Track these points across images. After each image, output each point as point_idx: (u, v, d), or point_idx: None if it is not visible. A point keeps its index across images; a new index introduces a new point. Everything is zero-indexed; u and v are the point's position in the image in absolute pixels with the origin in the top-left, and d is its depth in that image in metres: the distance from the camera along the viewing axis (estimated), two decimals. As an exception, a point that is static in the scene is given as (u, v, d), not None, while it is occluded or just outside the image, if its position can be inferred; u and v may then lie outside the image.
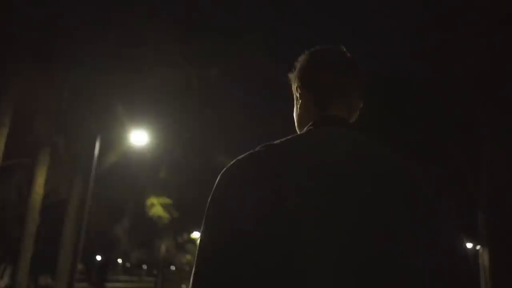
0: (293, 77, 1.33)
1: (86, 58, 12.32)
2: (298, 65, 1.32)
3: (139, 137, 13.44)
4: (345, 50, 1.31)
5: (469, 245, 24.19)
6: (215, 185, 1.08)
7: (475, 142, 16.38)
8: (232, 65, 15.84)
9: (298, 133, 1.27)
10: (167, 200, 20.05)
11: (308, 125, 1.20)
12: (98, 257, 38.74)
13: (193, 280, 1.01)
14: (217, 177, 1.10)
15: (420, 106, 17.51)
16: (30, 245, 13.30)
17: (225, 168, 1.10)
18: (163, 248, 32.78)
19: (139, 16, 13.44)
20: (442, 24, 16.73)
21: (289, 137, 1.15)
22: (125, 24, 13.20)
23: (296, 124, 1.32)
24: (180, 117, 15.79)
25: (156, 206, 19.85)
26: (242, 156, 1.11)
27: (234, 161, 1.10)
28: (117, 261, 55.70)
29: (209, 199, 1.07)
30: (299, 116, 1.30)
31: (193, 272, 1.02)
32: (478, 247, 21.83)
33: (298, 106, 1.30)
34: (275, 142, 1.11)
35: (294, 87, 1.32)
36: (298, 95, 1.30)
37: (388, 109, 17.64)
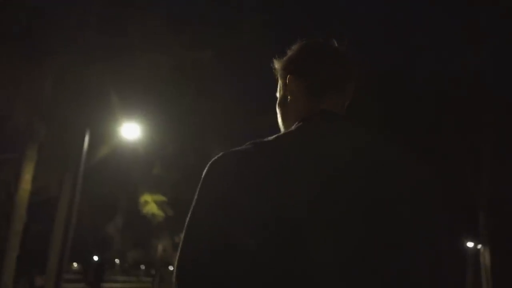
0: (281, 65, 1.27)
1: (71, 45, 11.89)
2: (291, 54, 1.26)
3: (131, 130, 13.10)
4: (338, 44, 1.26)
5: (470, 244, 24.22)
6: (200, 184, 1.04)
7: (476, 142, 16.50)
8: (229, 52, 15.50)
9: (282, 126, 1.24)
10: (161, 198, 19.80)
11: (299, 120, 1.14)
12: (95, 258, 38.78)
13: None
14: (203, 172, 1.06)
15: (421, 105, 17.56)
16: (16, 244, 12.97)
17: (208, 165, 1.06)
18: (160, 248, 32.64)
19: None
20: (445, 24, 16.68)
21: (279, 134, 1.12)
22: (111, 7, 12.77)
23: (280, 117, 1.25)
24: (174, 110, 15.45)
25: (150, 204, 19.62)
26: (228, 153, 1.06)
27: (219, 157, 1.06)
28: (114, 261, 55.85)
29: (194, 199, 1.03)
30: (287, 108, 1.23)
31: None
32: (479, 246, 21.81)
33: (289, 98, 1.22)
34: (264, 139, 1.07)
35: (284, 77, 1.24)
36: (291, 86, 1.22)
37: (389, 108, 17.62)
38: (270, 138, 1.08)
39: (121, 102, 13.56)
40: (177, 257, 1.00)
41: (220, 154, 1.06)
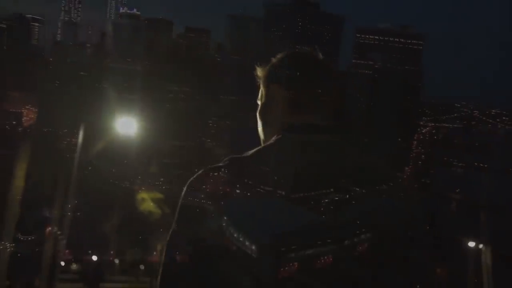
0: (264, 73, 1.25)
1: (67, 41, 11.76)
2: (275, 62, 1.25)
3: (127, 126, 13.01)
4: (322, 56, 1.26)
5: (471, 244, 24.35)
6: (179, 201, 1.08)
7: (476, 142, 16.66)
8: (229, 48, 15.46)
9: (262, 134, 1.23)
10: (158, 195, 19.95)
11: (279, 132, 1.14)
12: (94, 257, 39.06)
13: None
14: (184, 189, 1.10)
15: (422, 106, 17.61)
16: (10, 242, 12.85)
17: (187, 184, 1.09)
18: (159, 247, 32.80)
19: None
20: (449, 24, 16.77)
21: (259, 148, 1.14)
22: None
23: (261, 125, 1.24)
24: (172, 106, 15.36)
25: (147, 201, 19.72)
26: (204, 171, 1.09)
27: (196, 176, 1.09)
28: (113, 261, 56.12)
29: (175, 216, 1.09)
30: (268, 117, 1.23)
31: None
32: (480, 245, 21.87)
33: (270, 107, 1.22)
34: (242, 155, 1.10)
35: (267, 85, 1.24)
36: (273, 95, 1.22)
37: (389, 110, 17.64)
38: (250, 152, 1.11)
39: (118, 97, 13.41)
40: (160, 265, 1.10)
41: (198, 172, 1.11)
